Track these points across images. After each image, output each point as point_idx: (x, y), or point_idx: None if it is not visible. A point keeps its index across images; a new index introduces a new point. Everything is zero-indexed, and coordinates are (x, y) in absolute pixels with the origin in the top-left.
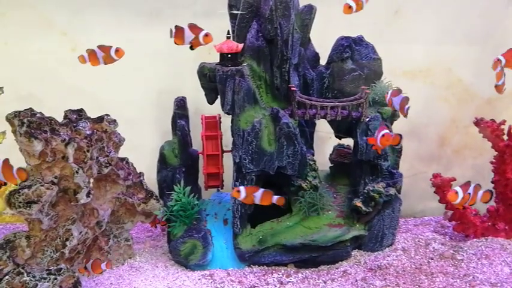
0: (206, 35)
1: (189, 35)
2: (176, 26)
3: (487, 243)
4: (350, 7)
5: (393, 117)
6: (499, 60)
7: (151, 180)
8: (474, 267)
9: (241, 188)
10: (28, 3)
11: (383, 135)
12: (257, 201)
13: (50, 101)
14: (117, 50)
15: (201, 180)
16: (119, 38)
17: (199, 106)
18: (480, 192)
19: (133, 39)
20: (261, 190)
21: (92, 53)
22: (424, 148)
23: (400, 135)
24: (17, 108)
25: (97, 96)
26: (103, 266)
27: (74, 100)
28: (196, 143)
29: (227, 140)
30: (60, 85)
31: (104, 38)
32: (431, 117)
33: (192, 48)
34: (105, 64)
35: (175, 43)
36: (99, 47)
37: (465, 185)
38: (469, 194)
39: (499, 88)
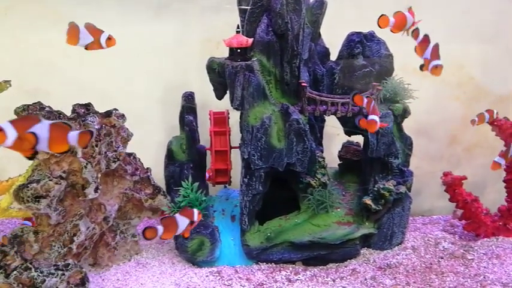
0: (109, 38)
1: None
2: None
3: (498, 243)
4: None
5: (404, 113)
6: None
7: (157, 176)
8: (485, 267)
9: None
10: None
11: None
12: None
13: (57, 95)
14: (109, 38)
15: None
16: (126, 31)
17: (206, 101)
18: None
19: (141, 33)
20: None
21: (73, 29)
22: (433, 146)
23: None
24: (24, 102)
25: (102, 91)
26: None
27: (79, 94)
28: (204, 138)
29: (234, 136)
30: (66, 79)
31: (111, 31)
32: (441, 115)
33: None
34: (86, 49)
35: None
36: (88, 27)
37: None
38: None
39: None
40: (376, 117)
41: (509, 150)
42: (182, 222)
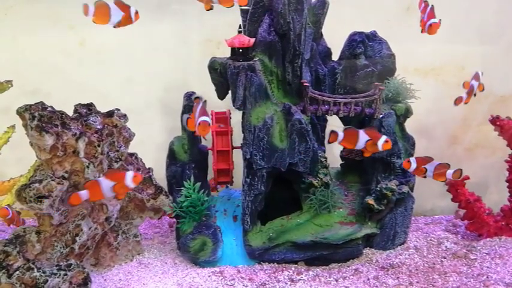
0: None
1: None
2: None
3: (501, 243)
4: None
5: (407, 113)
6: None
7: (159, 176)
8: (488, 267)
9: None
10: None
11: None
12: None
13: (57, 96)
14: (136, 12)
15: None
16: (127, 32)
17: (208, 101)
18: None
19: (141, 33)
20: None
21: (102, 7)
22: (434, 146)
23: None
24: (24, 102)
25: (103, 91)
26: None
27: (80, 94)
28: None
29: (236, 136)
30: (67, 79)
31: (111, 31)
32: (442, 115)
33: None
34: (116, 26)
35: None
36: (117, 3)
37: None
38: None
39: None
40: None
41: (427, 162)
42: (363, 137)
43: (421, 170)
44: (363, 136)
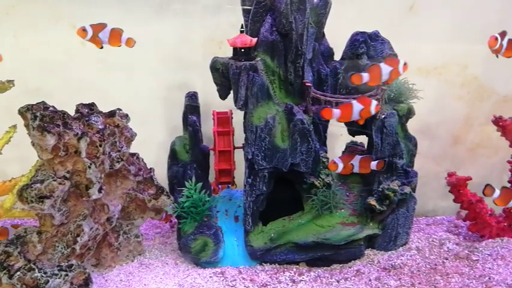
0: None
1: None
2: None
3: (503, 244)
4: None
5: (409, 114)
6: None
7: (160, 176)
8: (490, 268)
9: None
10: None
11: None
12: None
13: (59, 95)
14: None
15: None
16: (128, 31)
17: (210, 101)
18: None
19: (142, 33)
20: None
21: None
22: (437, 146)
23: None
24: (25, 102)
25: (105, 91)
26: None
27: (82, 94)
28: (207, 138)
29: (237, 136)
30: (69, 79)
31: None
32: (445, 115)
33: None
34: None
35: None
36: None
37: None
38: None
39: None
40: None
41: (352, 158)
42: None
43: (348, 167)
44: None
